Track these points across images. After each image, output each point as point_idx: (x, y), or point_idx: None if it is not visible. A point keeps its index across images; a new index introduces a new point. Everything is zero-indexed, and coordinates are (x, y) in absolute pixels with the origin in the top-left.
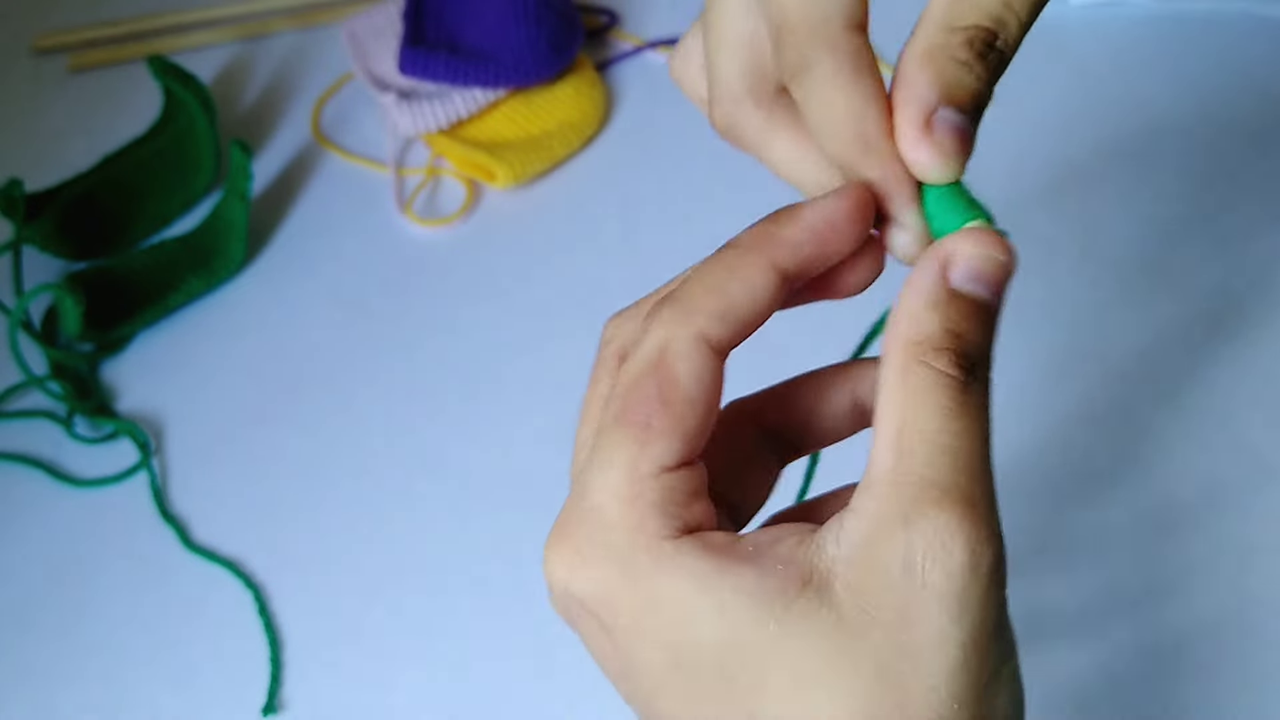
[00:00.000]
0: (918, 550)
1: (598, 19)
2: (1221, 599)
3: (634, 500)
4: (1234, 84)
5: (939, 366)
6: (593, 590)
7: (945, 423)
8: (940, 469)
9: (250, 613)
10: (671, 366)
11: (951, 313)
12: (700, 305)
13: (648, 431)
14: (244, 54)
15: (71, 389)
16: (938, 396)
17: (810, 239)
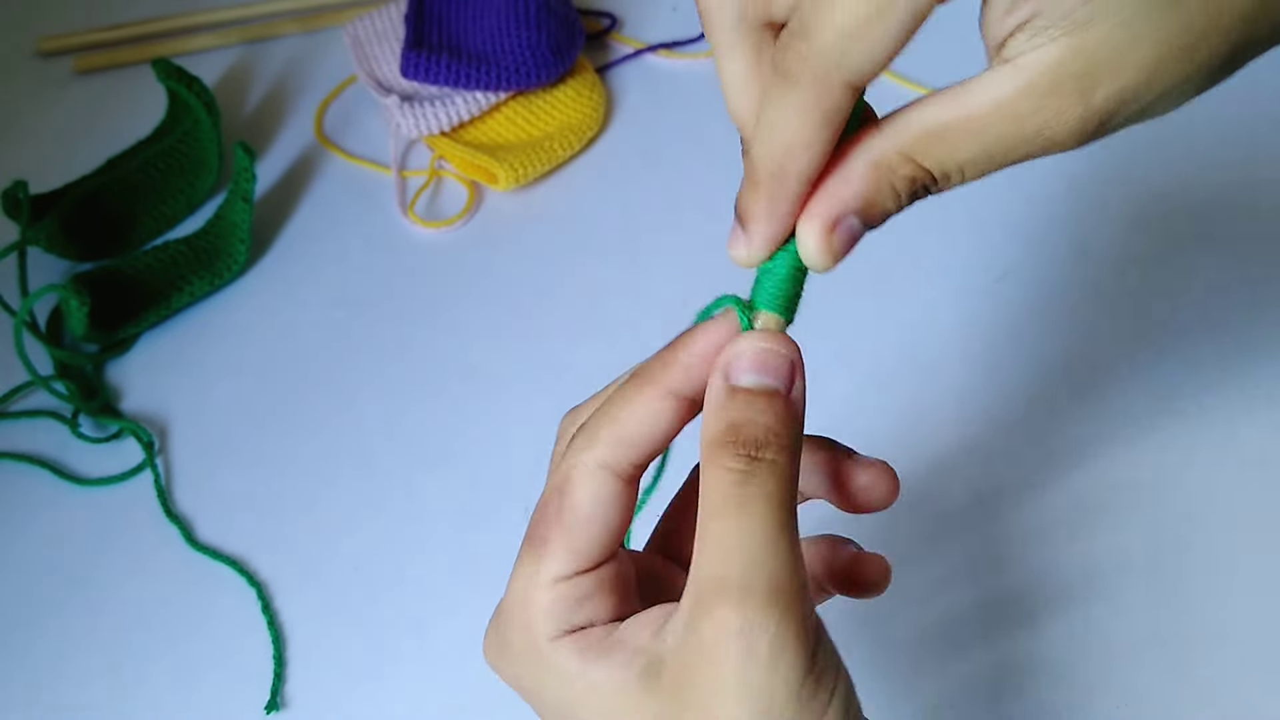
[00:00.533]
0: (706, 644)
1: (598, 22)
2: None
3: (525, 605)
4: (1232, 82)
5: (721, 463)
6: (506, 675)
7: (726, 520)
8: (717, 564)
9: (254, 610)
10: (571, 491)
11: (732, 409)
12: (601, 435)
13: (544, 547)
14: (248, 57)
15: (76, 389)
16: (721, 494)
17: (700, 363)
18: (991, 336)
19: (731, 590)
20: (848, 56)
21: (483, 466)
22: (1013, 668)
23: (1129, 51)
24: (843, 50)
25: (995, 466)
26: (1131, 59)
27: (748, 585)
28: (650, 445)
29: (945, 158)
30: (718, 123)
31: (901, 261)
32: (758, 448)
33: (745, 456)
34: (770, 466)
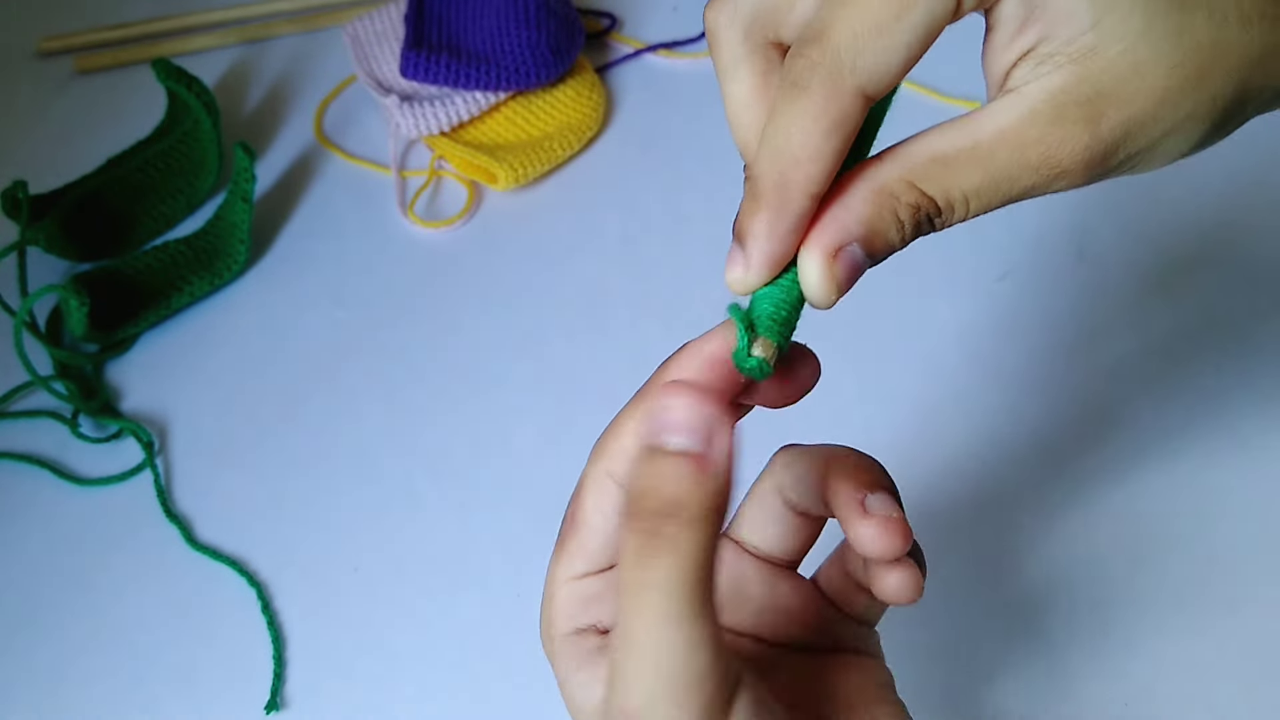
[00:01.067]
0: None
1: (598, 22)
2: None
3: (550, 601)
4: None
5: (626, 529)
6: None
7: (629, 598)
8: (619, 669)
9: (253, 611)
10: (582, 498)
11: (638, 474)
12: (607, 448)
13: (562, 548)
14: (247, 57)
15: (76, 389)
16: (625, 568)
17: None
18: (992, 336)
19: (629, 712)
20: (862, 58)
21: (482, 466)
22: (1014, 668)
23: (1135, 79)
24: (857, 51)
25: (996, 466)
26: (1138, 87)
27: (648, 700)
28: None
29: (950, 186)
30: (718, 123)
31: (901, 262)
32: (660, 517)
33: (643, 530)
34: (671, 544)
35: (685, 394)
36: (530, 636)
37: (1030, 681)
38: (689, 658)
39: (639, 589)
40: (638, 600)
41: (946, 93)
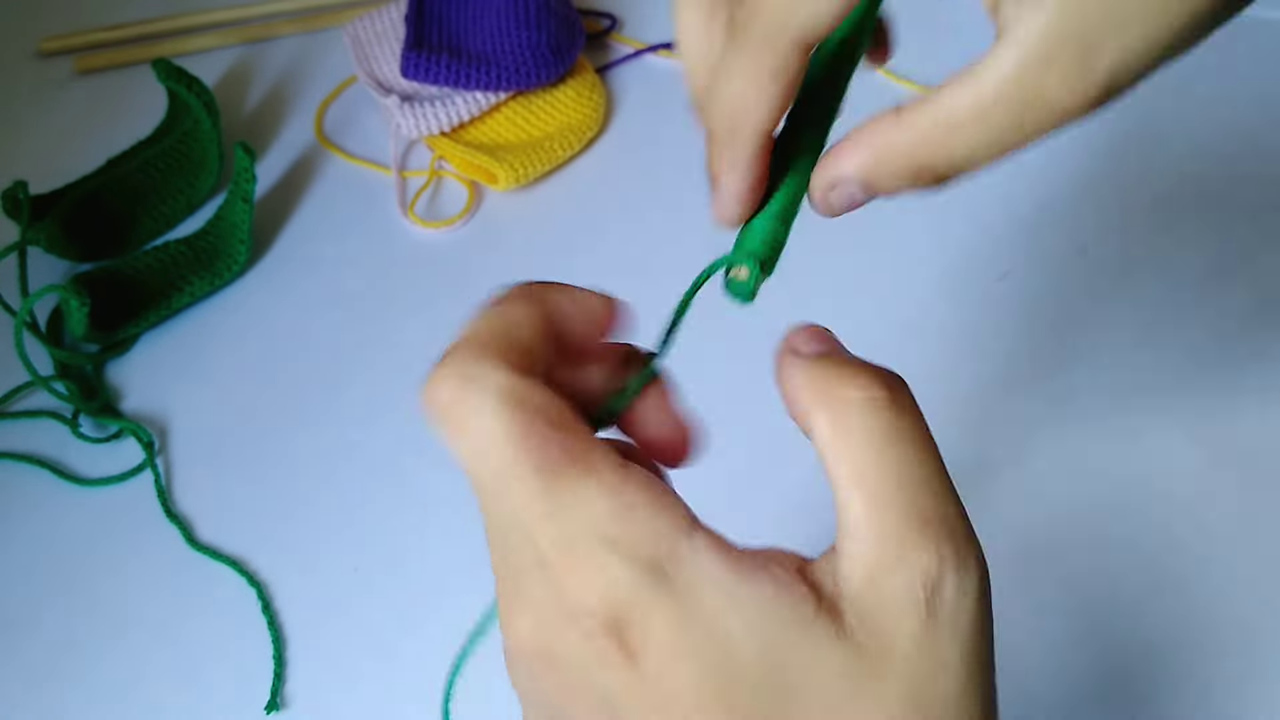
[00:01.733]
0: (917, 584)
1: (598, 23)
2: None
3: (628, 510)
4: (1229, 83)
5: (859, 396)
6: (618, 596)
7: (896, 453)
8: (914, 504)
9: (254, 611)
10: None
11: (830, 361)
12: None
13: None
14: (248, 57)
15: (77, 389)
16: (875, 428)
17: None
18: (992, 336)
19: (940, 528)
20: (795, 15)
21: None
22: (1015, 669)
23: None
24: (789, 9)
25: (996, 466)
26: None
27: (952, 522)
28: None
29: (955, 148)
30: None
31: (902, 261)
32: (881, 376)
33: (879, 383)
34: (911, 407)
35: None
36: None
37: (1030, 679)
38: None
39: (908, 433)
40: (916, 442)
41: None
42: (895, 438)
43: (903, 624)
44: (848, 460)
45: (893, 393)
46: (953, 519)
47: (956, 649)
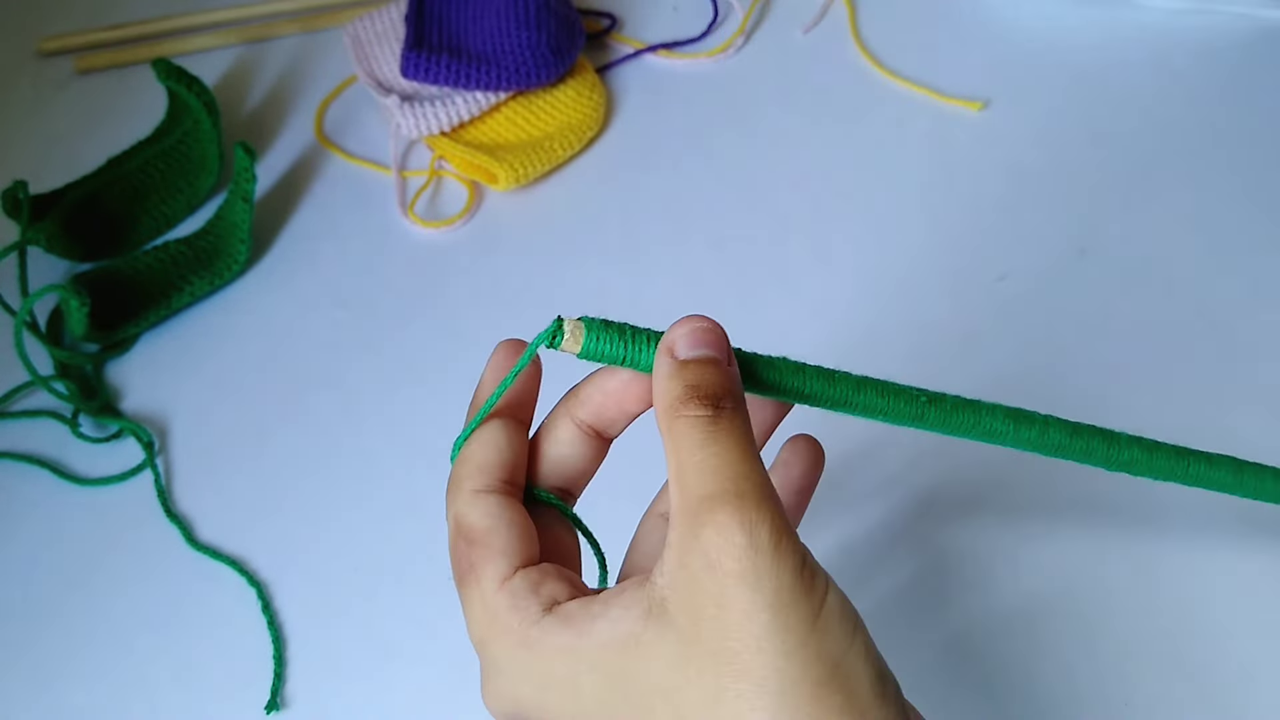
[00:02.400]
0: (710, 551)
1: (598, 22)
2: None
3: (494, 617)
4: (1229, 83)
5: (689, 414)
6: (507, 706)
7: (705, 450)
8: (708, 484)
9: (254, 610)
10: (464, 523)
11: (686, 375)
12: (460, 475)
13: (473, 569)
14: (248, 57)
15: (77, 389)
16: (695, 434)
17: (495, 383)
18: (991, 336)
19: (727, 498)
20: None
21: None
22: (1015, 669)
23: None
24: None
25: (996, 466)
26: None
27: (739, 491)
28: (508, 460)
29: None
30: (718, 123)
31: (902, 261)
32: (718, 400)
33: (707, 405)
34: (731, 413)
35: (696, 321)
36: None
37: (1028, 679)
38: (769, 483)
39: (719, 436)
40: (720, 443)
41: (947, 92)
42: (706, 441)
43: (705, 590)
44: (674, 461)
45: (717, 410)
46: (741, 490)
47: (758, 596)
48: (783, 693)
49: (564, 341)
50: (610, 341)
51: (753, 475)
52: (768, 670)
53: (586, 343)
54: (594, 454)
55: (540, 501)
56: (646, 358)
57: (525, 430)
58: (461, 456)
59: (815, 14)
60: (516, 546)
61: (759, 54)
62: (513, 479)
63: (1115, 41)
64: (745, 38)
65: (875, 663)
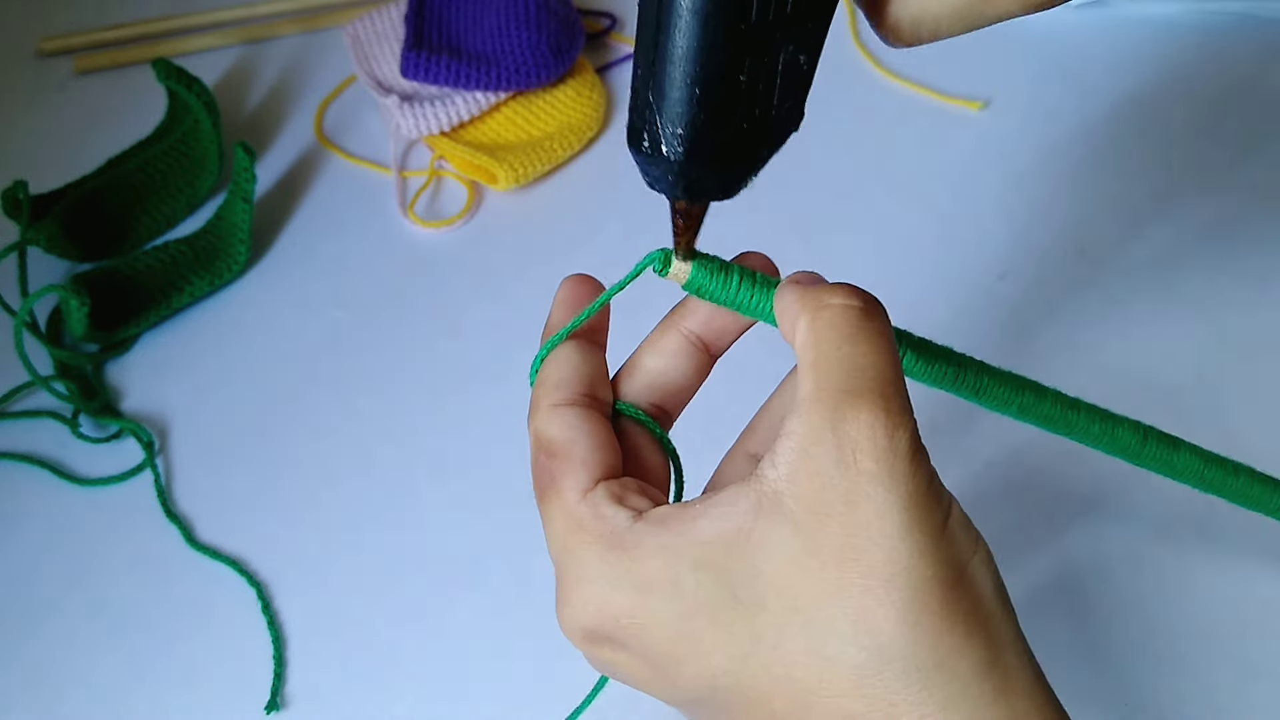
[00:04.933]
0: (846, 446)
1: (598, 22)
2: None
3: (579, 525)
4: (1229, 83)
5: (838, 302)
6: (593, 616)
7: (854, 345)
8: (854, 381)
9: (254, 610)
10: (543, 435)
11: (826, 282)
12: (537, 396)
13: (554, 481)
14: (248, 57)
15: (77, 389)
16: (843, 326)
17: (565, 312)
18: (991, 336)
19: (872, 397)
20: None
21: (483, 466)
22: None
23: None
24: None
25: (996, 467)
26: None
27: (884, 393)
28: (576, 378)
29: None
30: None
31: (902, 261)
32: (867, 296)
33: (859, 296)
34: (882, 314)
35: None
36: (531, 634)
37: None
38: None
39: (872, 334)
40: (873, 340)
41: (947, 92)
42: (856, 336)
43: (833, 485)
44: (813, 350)
45: (866, 304)
46: (887, 394)
47: (893, 497)
48: (914, 590)
49: (671, 270)
50: (721, 281)
51: (897, 381)
52: (897, 568)
53: (695, 279)
54: (696, 369)
55: (628, 419)
56: (756, 303)
57: (601, 352)
58: (539, 378)
59: None
60: (597, 457)
61: None
62: (592, 393)
63: (1115, 41)
64: None
65: (996, 573)
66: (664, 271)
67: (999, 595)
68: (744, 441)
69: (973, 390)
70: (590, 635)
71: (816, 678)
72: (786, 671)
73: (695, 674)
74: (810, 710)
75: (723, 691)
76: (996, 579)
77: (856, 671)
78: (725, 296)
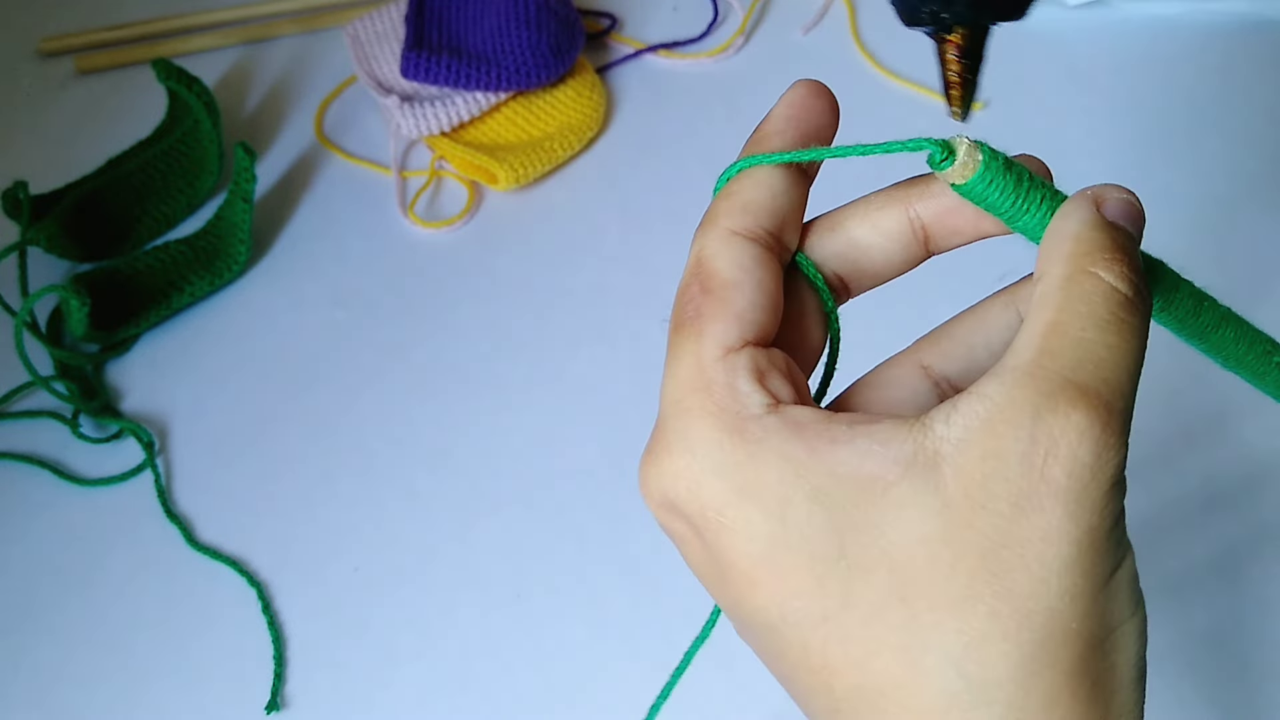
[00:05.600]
0: (1042, 443)
1: (598, 22)
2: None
3: (706, 386)
4: (1228, 84)
5: (1108, 279)
6: (679, 492)
7: (1101, 333)
8: (1085, 373)
9: (254, 610)
10: (708, 264)
11: (1114, 234)
12: (719, 210)
13: (699, 321)
14: (248, 57)
15: (77, 389)
16: (1099, 306)
17: (786, 124)
18: None
19: (1097, 401)
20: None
21: (482, 466)
22: None
23: None
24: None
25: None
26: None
27: (1111, 406)
28: (775, 206)
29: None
30: (717, 123)
31: None
32: (1140, 283)
33: (1132, 281)
34: (1146, 311)
35: (1128, 194)
36: (531, 634)
37: None
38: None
39: (1129, 331)
40: (1127, 338)
41: None
42: (1110, 324)
43: (1008, 479)
44: (1052, 313)
45: (1135, 292)
46: (1114, 406)
47: (1070, 525)
48: (1048, 637)
49: (950, 167)
50: (1003, 186)
51: (1129, 395)
52: (1038, 605)
53: (977, 180)
54: (904, 261)
55: (802, 277)
56: (1034, 220)
57: (807, 187)
58: (726, 190)
59: (815, 14)
60: (757, 315)
61: (759, 54)
62: (780, 234)
63: (1115, 41)
64: (745, 38)
65: (1143, 647)
66: (944, 163)
67: (1137, 673)
68: (919, 350)
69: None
70: (668, 506)
71: (897, 682)
72: (865, 657)
73: (762, 606)
74: (876, 711)
75: (782, 639)
76: (1142, 655)
77: (947, 697)
78: (1001, 203)
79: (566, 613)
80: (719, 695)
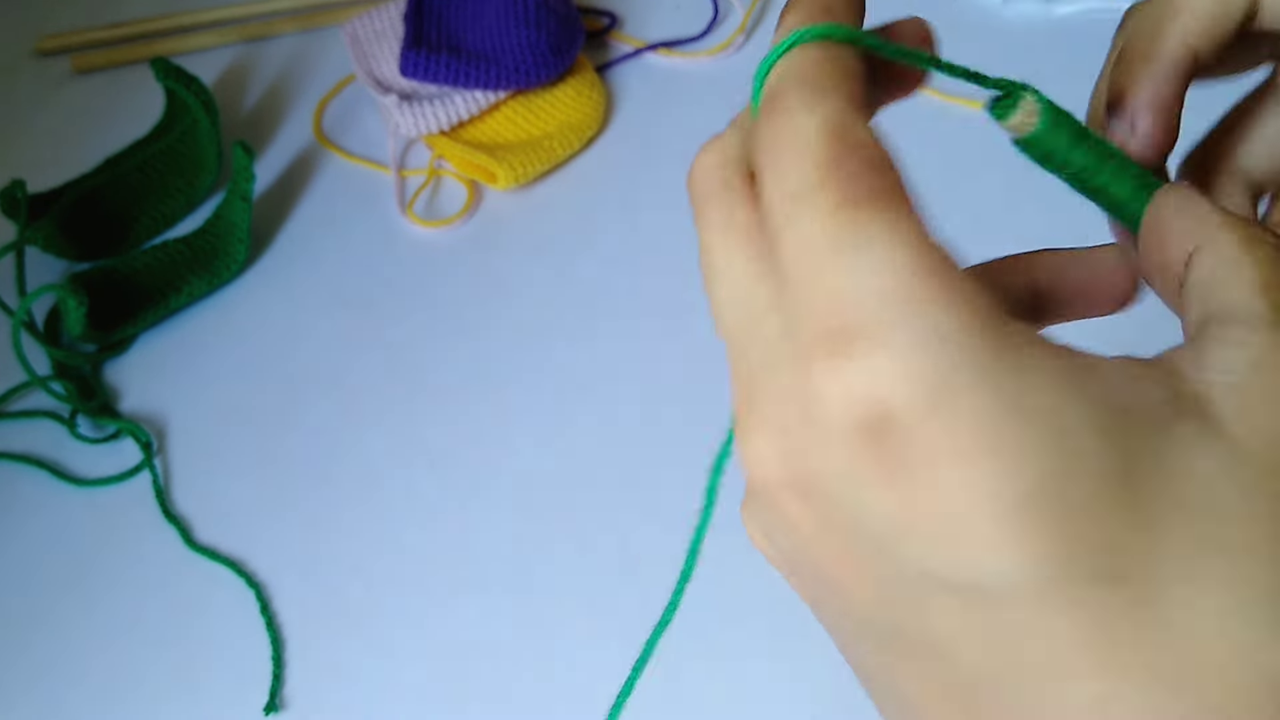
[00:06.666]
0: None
1: (598, 21)
2: None
3: (944, 270)
4: (1231, 83)
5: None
6: (900, 396)
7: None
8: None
9: (252, 612)
10: (855, 133)
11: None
12: (823, 74)
13: (891, 197)
14: (246, 56)
15: (74, 389)
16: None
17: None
18: None
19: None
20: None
21: (482, 466)
22: None
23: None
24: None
25: None
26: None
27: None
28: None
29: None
30: (718, 122)
31: None
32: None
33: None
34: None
35: None
36: (531, 635)
37: None
38: None
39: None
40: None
41: (947, 92)
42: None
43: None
44: (1253, 267)
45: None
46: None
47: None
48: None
49: (1014, 116)
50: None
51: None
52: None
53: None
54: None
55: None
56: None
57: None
58: (813, 56)
59: None
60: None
61: (759, 52)
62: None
63: (1106, 40)
64: (746, 36)
65: None
66: (1006, 114)
67: None
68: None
69: None
70: (860, 425)
71: (1219, 662)
72: (1178, 634)
73: (998, 569)
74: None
75: (1006, 620)
76: None
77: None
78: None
79: (567, 613)
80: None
